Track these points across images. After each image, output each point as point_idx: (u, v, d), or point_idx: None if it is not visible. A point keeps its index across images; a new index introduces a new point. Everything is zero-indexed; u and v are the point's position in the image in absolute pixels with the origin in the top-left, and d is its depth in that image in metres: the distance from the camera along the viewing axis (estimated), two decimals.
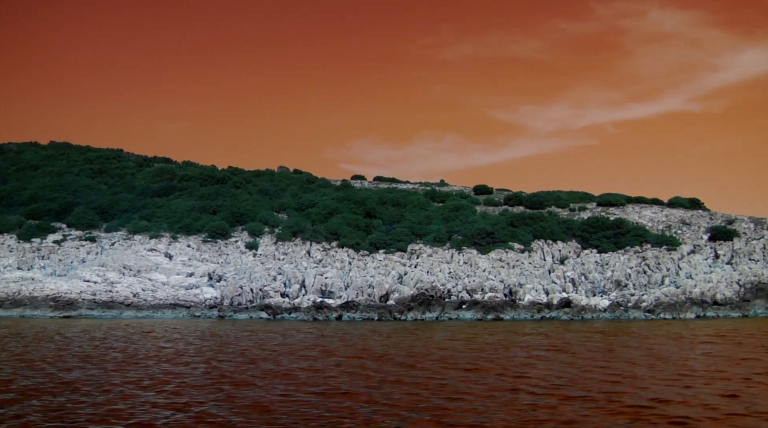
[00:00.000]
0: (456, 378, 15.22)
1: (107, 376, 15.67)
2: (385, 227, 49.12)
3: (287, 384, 14.57)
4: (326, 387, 14.06)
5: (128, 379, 15.23)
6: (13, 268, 44.59)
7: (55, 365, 17.49)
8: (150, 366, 17.47)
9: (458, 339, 25.12)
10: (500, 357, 19.08)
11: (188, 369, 16.98)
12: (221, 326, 31.61)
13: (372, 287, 40.82)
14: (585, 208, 53.81)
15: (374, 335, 26.81)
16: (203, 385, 14.39)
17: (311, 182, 61.31)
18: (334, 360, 18.59)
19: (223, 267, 44.09)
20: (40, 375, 15.64)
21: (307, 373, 16.08)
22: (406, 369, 16.64)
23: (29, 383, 14.53)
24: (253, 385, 14.37)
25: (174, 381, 14.98)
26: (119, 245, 47.58)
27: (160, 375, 15.79)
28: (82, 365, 17.54)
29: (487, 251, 45.86)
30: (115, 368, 17.05)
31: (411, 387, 14.02)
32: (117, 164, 65.36)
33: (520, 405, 12.22)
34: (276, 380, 15.05)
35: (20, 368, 16.86)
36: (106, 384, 14.60)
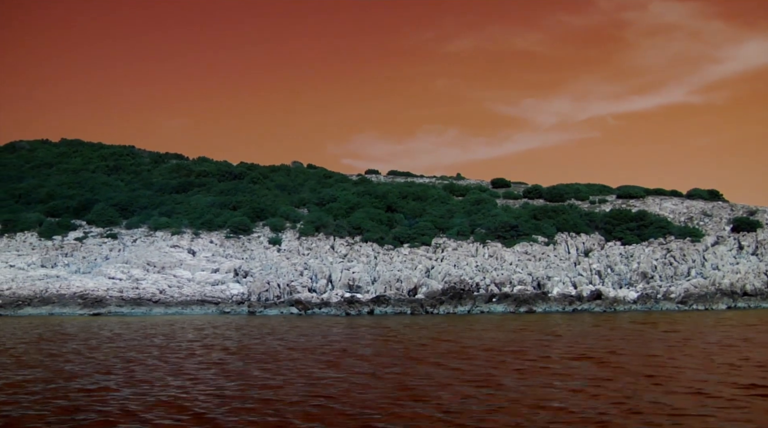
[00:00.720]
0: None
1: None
2: (407, 222, 48.99)
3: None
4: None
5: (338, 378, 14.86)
6: (37, 266, 44.38)
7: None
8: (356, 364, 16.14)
9: (572, 332, 24.68)
10: (661, 352, 18.05)
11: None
12: (269, 322, 31.45)
13: (400, 281, 40.70)
14: (605, 200, 53.74)
15: (456, 328, 26.55)
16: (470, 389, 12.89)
17: (328, 177, 61.12)
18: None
19: (248, 263, 43.92)
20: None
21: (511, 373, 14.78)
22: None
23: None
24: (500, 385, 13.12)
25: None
26: (141, 242, 47.37)
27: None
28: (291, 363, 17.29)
29: (512, 244, 45.78)
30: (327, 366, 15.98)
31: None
32: (131, 160, 65.08)
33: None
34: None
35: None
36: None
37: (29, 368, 16.08)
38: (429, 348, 19.42)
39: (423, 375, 14.34)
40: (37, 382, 13.89)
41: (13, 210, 52.13)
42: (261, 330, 26.89)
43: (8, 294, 39.49)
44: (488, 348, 19.28)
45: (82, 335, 25.03)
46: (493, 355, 17.59)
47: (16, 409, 11.29)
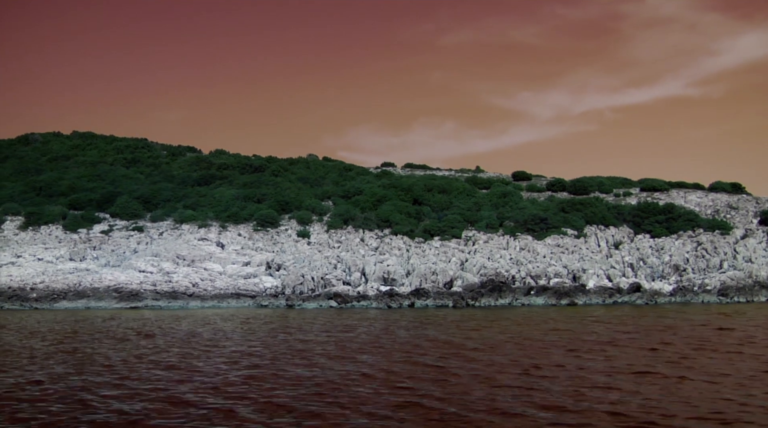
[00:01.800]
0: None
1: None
2: (435, 214, 48.85)
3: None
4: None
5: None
6: (66, 259, 43.95)
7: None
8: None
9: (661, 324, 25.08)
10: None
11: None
12: (322, 315, 31.28)
13: (436, 274, 40.55)
14: (629, 193, 53.80)
15: (535, 322, 26.69)
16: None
17: (348, 170, 60.83)
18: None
19: (280, 256, 43.63)
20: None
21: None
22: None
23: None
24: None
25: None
26: (168, 235, 47.00)
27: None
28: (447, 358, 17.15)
29: (542, 237, 45.73)
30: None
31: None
32: (148, 153, 64.53)
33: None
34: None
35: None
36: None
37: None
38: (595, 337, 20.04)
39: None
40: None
41: (35, 203, 51.62)
42: (358, 321, 26.76)
43: (42, 288, 39.10)
44: (664, 341, 19.82)
45: (198, 329, 24.78)
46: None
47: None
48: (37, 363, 17.03)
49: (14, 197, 52.80)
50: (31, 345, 20.80)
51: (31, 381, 14.63)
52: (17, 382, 14.49)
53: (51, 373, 15.37)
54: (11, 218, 49.98)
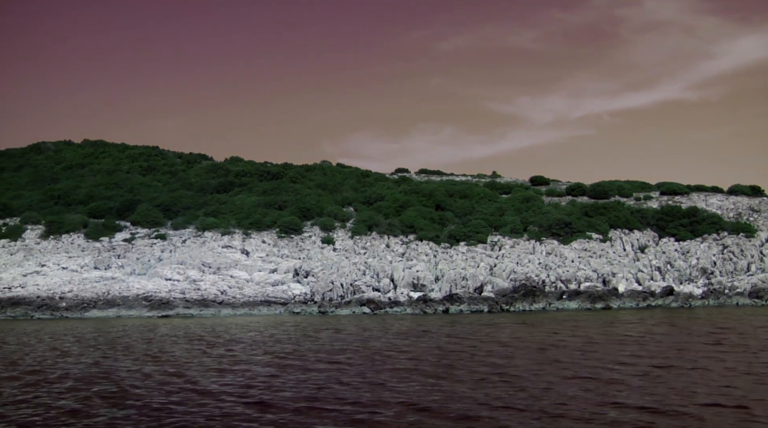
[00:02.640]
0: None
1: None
2: (458, 220, 48.76)
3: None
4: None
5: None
6: (90, 267, 43.59)
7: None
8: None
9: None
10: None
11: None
12: (370, 321, 31.06)
13: (466, 279, 40.44)
14: (650, 197, 53.86)
15: (611, 326, 26.59)
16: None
17: (366, 176, 60.71)
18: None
19: (306, 263, 43.39)
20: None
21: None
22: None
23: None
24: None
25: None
26: (191, 243, 46.71)
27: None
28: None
29: (569, 241, 45.69)
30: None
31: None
32: (163, 161, 64.26)
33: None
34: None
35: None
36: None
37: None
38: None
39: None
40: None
41: (54, 212, 51.27)
42: (421, 327, 26.60)
43: (71, 297, 38.76)
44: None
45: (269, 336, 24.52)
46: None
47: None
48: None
49: (32, 205, 52.44)
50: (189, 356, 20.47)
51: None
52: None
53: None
54: (31, 227, 49.62)
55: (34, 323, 33.94)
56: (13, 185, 57.02)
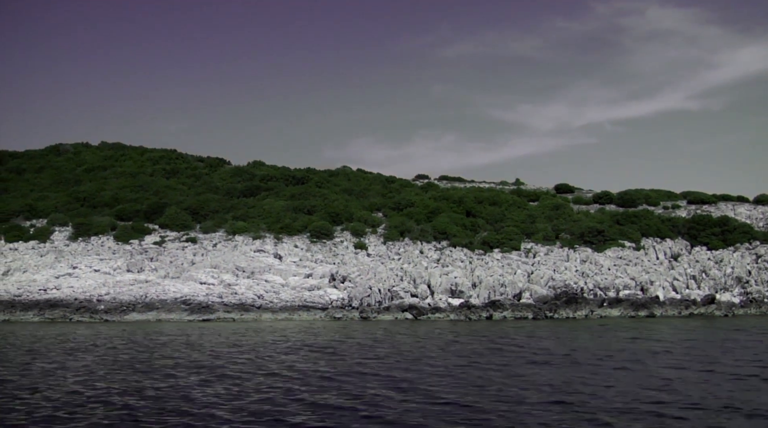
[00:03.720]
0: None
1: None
2: (490, 226, 48.65)
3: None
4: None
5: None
6: (123, 270, 43.18)
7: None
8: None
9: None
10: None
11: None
12: (420, 327, 30.85)
13: (504, 286, 40.27)
14: (678, 206, 53.92)
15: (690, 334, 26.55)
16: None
17: (391, 182, 60.57)
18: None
19: (341, 267, 43.13)
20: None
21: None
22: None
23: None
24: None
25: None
26: (222, 246, 46.40)
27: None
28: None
29: (602, 249, 45.62)
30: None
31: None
32: (185, 164, 63.95)
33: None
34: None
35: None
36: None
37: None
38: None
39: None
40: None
41: (81, 214, 50.88)
42: (494, 333, 26.43)
43: (108, 300, 38.39)
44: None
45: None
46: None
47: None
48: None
49: (58, 207, 52.04)
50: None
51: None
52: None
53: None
54: (59, 229, 49.21)
55: (79, 326, 33.60)
56: (37, 186, 56.59)
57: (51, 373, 17.66)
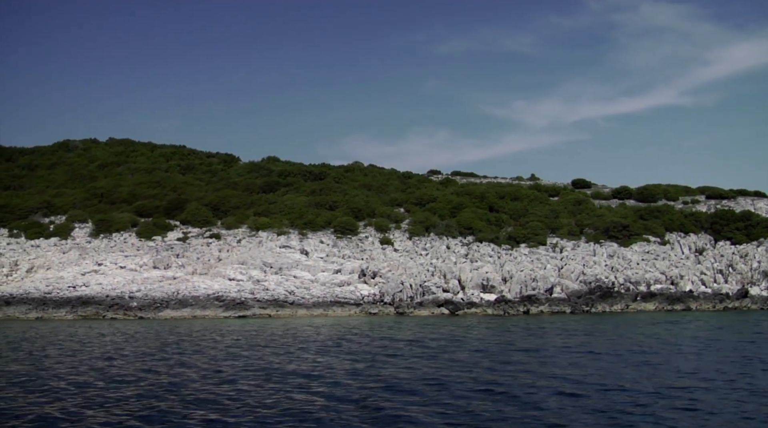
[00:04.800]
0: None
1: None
2: (513, 221, 48.62)
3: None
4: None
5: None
6: (149, 267, 42.70)
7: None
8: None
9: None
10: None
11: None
12: (469, 321, 30.72)
13: (536, 280, 40.26)
14: (697, 201, 54.18)
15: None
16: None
17: (408, 178, 60.39)
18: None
19: (370, 263, 42.91)
20: None
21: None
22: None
23: None
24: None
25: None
26: (247, 243, 46.03)
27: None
28: None
29: (627, 243, 45.76)
30: None
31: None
32: (198, 160, 63.40)
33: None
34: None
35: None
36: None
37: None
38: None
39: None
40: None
41: (100, 210, 50.29)
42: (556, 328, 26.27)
43: (140, 296, 37.96)
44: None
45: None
46: None
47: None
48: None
49: (76, 204, 51.40)
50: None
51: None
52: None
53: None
54: (79, 226, 48.59)
55: (117, 323, 33.17)
56: (52, 183, 55.86)
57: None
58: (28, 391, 14.51)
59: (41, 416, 12.20)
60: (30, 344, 23.46)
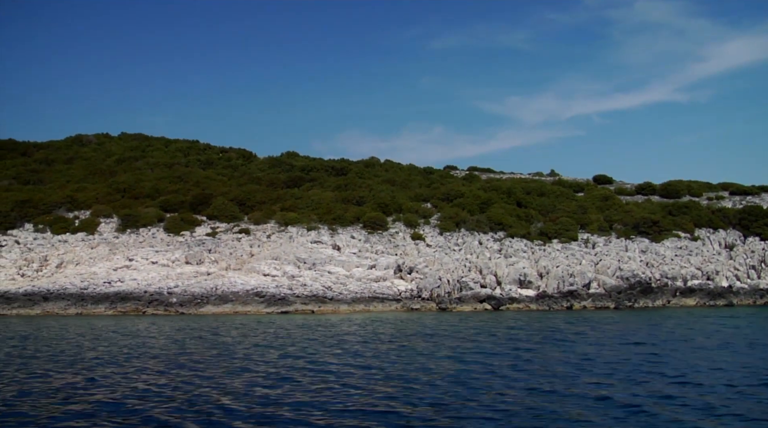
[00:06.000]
0: None
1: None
2: (542, 217, 48.57)
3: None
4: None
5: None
6: (181, 262, 42.22)
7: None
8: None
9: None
10: None
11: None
12: (526, 317, 30.56)
13: (573, 276, 40.18)
14: (722, 197, 54.39)
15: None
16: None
17: (430, 173, 60.19)
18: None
19: (404, 258, 42.69)
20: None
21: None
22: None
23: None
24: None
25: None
26: (276, 238, 45.64)
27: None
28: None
29: (658, 239, 45.82)
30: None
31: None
32: (217, 155, 62.83)
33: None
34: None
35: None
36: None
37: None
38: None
39: None
40: None
41: (124, 205, 49.67)
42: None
43: (179, 292, 37.51)
44: None
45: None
46: None
47: None
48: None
49: (99, 199, 50.72)
50: None
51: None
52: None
53: None
54: (105, 220, 47.98)
55: (159, 319, 32.74)
56: (72, 177, 55.11)
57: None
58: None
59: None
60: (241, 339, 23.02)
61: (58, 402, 12.83)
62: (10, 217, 46.99)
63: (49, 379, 15.32)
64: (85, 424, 11.27)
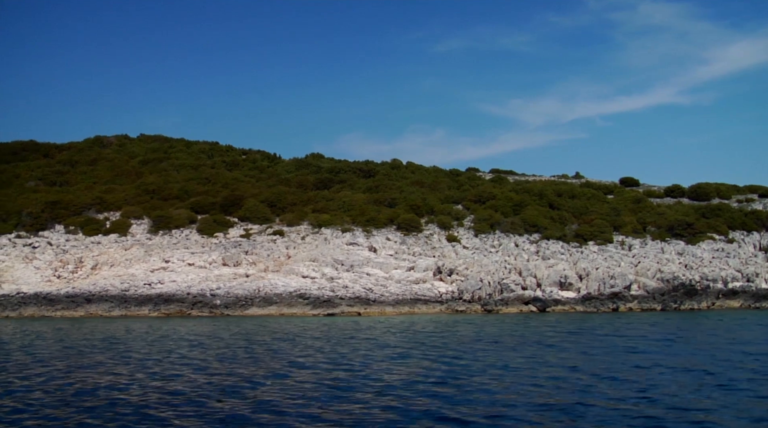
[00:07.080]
0: None
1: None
2: (576, 219, 48.44)
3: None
4: None
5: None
6: (219, 264, 41.92)
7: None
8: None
9: None
10: None
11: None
12: (597, 320, 30.36)
13: (614, 278, 40.05)
14: (753, 199, 54.38)
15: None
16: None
17: (457, 175, 60.03)
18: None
19: (443, 260, 42.47)
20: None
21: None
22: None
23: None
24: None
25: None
26: (311, 240, 45.37)
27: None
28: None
29: (694, 242, 45.73)
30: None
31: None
32: (243, 156, 62.55)
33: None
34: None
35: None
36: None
37: None
38: None
39: None
40: None
41: (154, 207, 49.34)
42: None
43: (222, 294, 37.24)
44: None
45: None
46: None
47: None
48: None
49: (128, 200, 50.37)
50: None
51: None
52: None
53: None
54: (136, 222, 47.64)
55: (217, 321, 32.44)
56: (98, 179, 54.76)
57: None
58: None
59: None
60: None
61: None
62: (41, 218, 46.64)
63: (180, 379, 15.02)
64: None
